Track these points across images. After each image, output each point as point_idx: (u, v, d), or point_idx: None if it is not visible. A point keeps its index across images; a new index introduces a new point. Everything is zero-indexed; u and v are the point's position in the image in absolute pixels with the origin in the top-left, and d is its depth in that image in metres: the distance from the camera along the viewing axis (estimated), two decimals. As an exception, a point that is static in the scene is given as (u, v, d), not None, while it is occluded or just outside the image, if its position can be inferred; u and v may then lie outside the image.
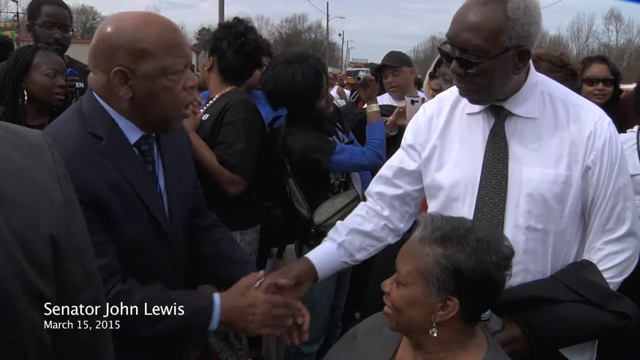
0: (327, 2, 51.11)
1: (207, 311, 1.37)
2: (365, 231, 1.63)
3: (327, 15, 50.99)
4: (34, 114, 2.20)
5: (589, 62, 3.03)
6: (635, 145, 2.35)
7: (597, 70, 2.96)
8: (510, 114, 1.42)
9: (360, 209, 1.69)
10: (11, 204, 0.67)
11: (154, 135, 1.41)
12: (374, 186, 1.69)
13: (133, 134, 1.33)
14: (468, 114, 1.49)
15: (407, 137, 1.63)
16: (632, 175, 2.34)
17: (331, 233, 1.66)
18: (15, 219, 0.67)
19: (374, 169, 2.11)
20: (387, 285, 1.20)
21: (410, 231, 1.25)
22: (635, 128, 2.41)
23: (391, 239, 1.66)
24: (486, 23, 1.28)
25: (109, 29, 1.25)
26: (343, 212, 2.20)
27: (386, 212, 1.64)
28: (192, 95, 1.36)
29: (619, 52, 43.90)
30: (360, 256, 1.64)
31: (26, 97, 2.17)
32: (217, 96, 2.28)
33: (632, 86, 2.93)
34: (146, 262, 1.36)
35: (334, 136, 2.37)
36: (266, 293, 1.43)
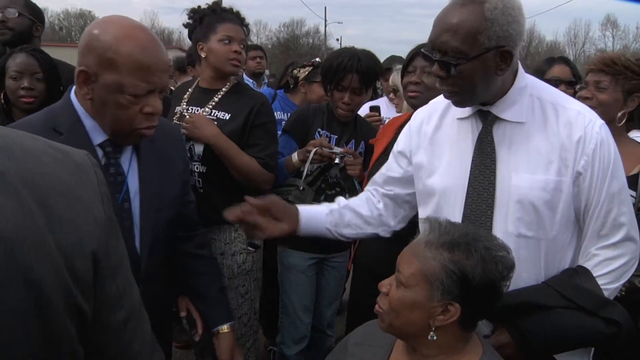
0: (325, 8, 51.27)
1: None
2: (359, 212, 1.66)
3: (325, 21, 51.12)
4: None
5: (552, 63, 2.91)
6: None
7: (559, 71, 2.84)
8: (497, 118, 1.41)
9: (362, 194, 1.74)
10: (57, 219, 0.70)
11: None
12: (370, 185, 1.73)
13: (97, 135, 1.33)
14: (458, 119, 1.49)
15: (399, 143, 1.65)
16: None
17: (328, 203, 1.70)
18: (61, 234, 0.69)
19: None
20: (386, 285, 1.18)
21: (412, 235, 1.24)
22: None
23: (381, 231, 1.68)
24: (464, 24, 1.28)
25: (95, 31, 1.27)
26: (286, 189, 2.31)
27: (380, 205, 1.67)
28: (149, 121, 1.32)
29: (615, 58, 44.00)
30: (346, 232, 1.65)
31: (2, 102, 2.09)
32: (224, 90, 2.21)
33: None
34: None
35: (325, 132, 2.37)
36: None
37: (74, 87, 1.34)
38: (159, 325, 0.96)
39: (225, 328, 1.65)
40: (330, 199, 2.36)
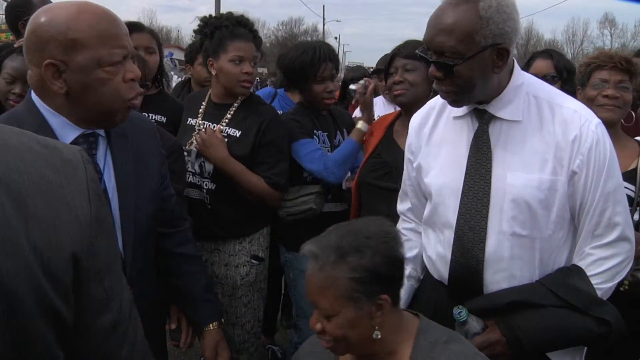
0: (324, 6, 51.21)
1: None
2: (414, 255, 1.64)
3: (323, 19, 51.15)
4: None
5: (534, 58, 2.75)
6: None
7: (539, 66, 2.67)
8: (493, 117, 1.40)
9: (408, 224, 1.69)
10: (34, 219, 0.67)
11: (101, 133, 1.33)
12: (402, 205, 1.72)
13: (69, 132, 1.26)
14: (454, 117, 1.49)
15: (407, 149, 1.65)
16: None
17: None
18: (37, 234, 0.67)
19: (318, 177, 2.23)
20: (317, 325, 1.17)
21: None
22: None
23: None
24: (459, 24, 1.28)
25: (40, 20, 1.18)
26: (306, 198, 2.25)
27: (422, 227, 1.64)
28: (134, 88, 1.27)
29: (613, 56, 44.02)
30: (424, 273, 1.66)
31: None
32: (236, 105, 2.20)
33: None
34: None
35: (321, 132, 2.36)
36: None
37: (31, 89, 1.27)
38: (149, 326, 0.94)
39: (210, 326, 1.63)
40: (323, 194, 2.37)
